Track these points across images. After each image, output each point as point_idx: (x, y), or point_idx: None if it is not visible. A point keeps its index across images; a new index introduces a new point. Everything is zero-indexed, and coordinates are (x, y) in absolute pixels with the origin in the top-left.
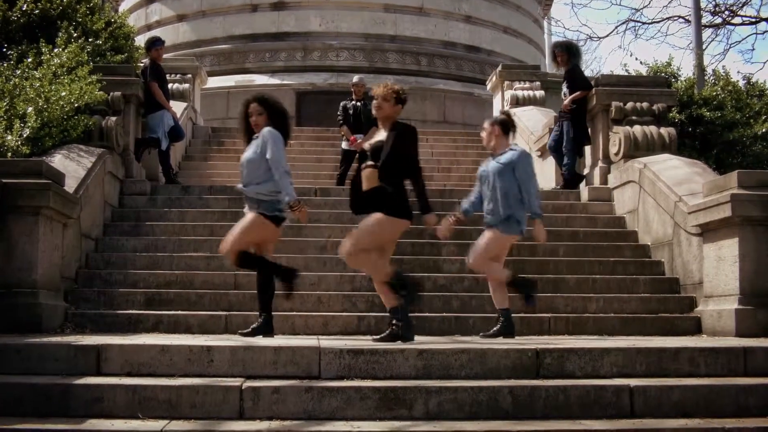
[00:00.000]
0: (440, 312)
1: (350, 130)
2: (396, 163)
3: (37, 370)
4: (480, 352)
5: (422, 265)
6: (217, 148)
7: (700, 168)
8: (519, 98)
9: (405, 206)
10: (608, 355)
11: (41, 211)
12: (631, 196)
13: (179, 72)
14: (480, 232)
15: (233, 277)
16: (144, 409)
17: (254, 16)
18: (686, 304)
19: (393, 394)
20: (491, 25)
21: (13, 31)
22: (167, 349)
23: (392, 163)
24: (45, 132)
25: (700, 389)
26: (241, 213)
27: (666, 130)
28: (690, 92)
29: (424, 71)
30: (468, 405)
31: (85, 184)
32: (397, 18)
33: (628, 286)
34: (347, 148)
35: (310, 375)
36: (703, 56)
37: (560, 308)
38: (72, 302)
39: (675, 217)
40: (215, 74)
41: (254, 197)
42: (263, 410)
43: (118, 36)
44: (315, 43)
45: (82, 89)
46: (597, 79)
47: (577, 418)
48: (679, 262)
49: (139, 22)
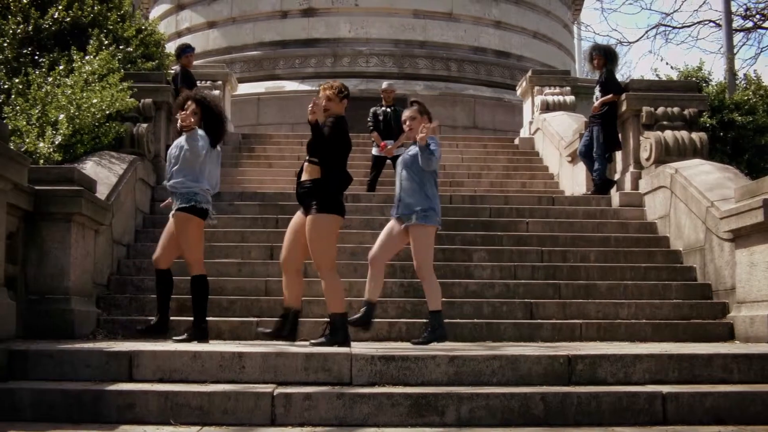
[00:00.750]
0: (471, 318)
1: (380, 135)
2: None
3: (69, 376)
4: (512, 359)
5: (453, 271)
6: (247, 155)
7: (732, 173)
8: (549, 103)
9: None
10: (640, 361)
11: (73, 218)
12: (663, 201)
13: (209, 78)
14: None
15: (264, 283)
16: (176, 416)
17: (284, 23)
18: (718, 310)
19: (424, 400)
20: (521, 30)
21: (44, 39)
22: (199, 355)
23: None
24: (77, 139)
25: (733, 396)
26: (270, 219)
27: (697, 135)
28: (721, 97)
29: (453, 77)
30: (500, 411)
31: (116, 191)
32: (426, 24)
33: (659, 292)
34: (378, 154)
35: (342, 381)
36: (735, 60)
37: (592, 314)
38: (104, 308)
39: (707, 223)
40: (245, 81)
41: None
42: (295, 416)
43: (148, 43)
44: (345, 50)
45: (113, 96)
46: (627, 84)
47: (609, 424)
48: (711, 268)
49: (169, 29)
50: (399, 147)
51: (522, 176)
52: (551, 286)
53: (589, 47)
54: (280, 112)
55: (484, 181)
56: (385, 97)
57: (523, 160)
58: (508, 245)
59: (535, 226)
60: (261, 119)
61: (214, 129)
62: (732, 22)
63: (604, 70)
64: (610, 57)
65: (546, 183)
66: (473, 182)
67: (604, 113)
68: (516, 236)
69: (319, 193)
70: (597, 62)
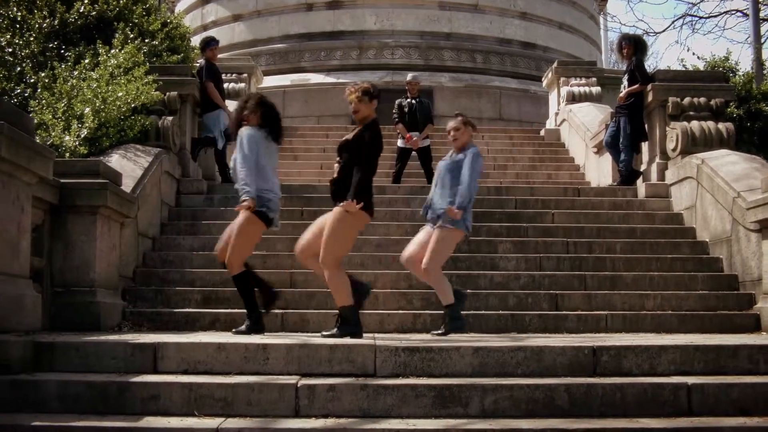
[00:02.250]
0: (496, 309)
1: (405, 127)
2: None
3: (94, 368)
4: (536, 350)
5: (479, 263)
6: None
7: (759, 163)
8: (575, 95)
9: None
10: (666, 352)
11: (99, 211)
12: (689, 192)
13: (235, 71)
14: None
15: (289, 275)
16: (200, 407)
17: (309, 15)
18: (745, 301)
19: (448, 391)
20: (546, 21)
21: (70, 33)
22: (223, 347)
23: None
24: (102, 132)
25: (760, 387)
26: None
27: (724, 126)
28: (748, 87)
29: (479, 68)
30: (524, 403)
31: (142, 184)
32: (452, 15)
33: (686, 283)
34: (403, 146)
35: (366, 373)
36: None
37: (617, 305)
38: (129, 301)
39: (733, 213)
40: (271, 73)
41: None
42: (318, 408)
43: (174, 36)
44: (370, 42)
45: (138, 89)
46: (653, 75)
47: (634, 416)
48: (737, 259)
49: (195, 23)
50: (424, 138)
51: (548, 167)
52: (576, 278)
53: (618, 36)
54: (305, 105)
55: (509, 172)
56: (410, 89)
57: (548, 151)
58: (533, 237)
59: (560, 218)
60: (287, 112)
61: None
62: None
63: (633, 59)
64: (640, 46)
65: (572, 174)
66: (499, 174)
67: (631, 104)
68: (541, 227)
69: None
70: (626, 51)
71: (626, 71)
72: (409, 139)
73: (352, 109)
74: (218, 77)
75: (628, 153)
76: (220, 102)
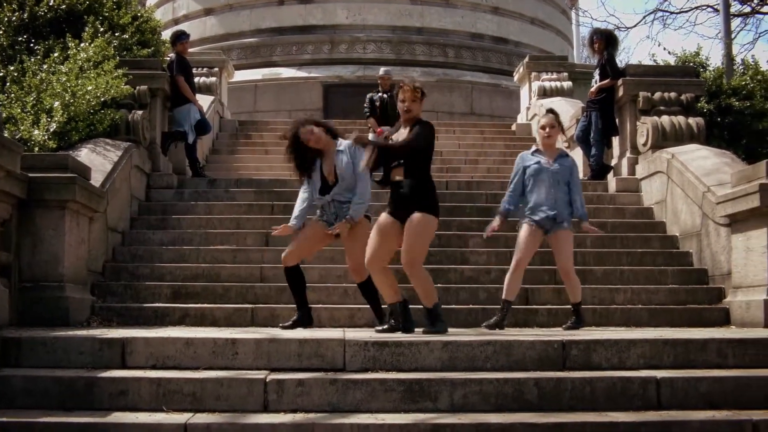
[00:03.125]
0: (467, 304)
1: (377, 122)
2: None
3: (62, 363)
4: (506, 344)
5: (449, 257)
6: (244, 142)
7: (729, 158)
8: (546, 89)
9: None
10: (635, 346)
11: (67, 205)
12: (659, 186)
13: (206, 65)
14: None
15: (259, 270)
16: (168, 402)
17: (281, 10)
18: (714, 295)
19: (418, 386)
20: (518, 16)
21: (40, 26)
22: (192, 342)
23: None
24: (71, 126)
25: (728, 381)
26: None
27: (694, 120)
28: (719, 82)
29: (451, 63)
30: (493, 397)
31: (111, 178)
32: (423, 10)
33: (655, 277)
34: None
35: (335, 367)
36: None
37: (587, 299)
38: (99, 296)
39: (703, 208)
40: (242, 68)
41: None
42: (287, 403)
43: (144, 30)
44: (342, 36)
45: (108, 83)
46: (624, 69)
47: (604, 410)
48: (707, 253)
49: (166, 17)
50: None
51: None
52: (547, 272)
53: (590, 31)
54: (276, 99)
55: (481, 167)
56: (382, 84)
57: (520, 146)
58: (504, 231)
59: None
60: (258, 106)
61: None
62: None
63: (604, 54)
64: (611, 41)
65: None
66: (470, 168)
67: (602, 98)
68: (512, 222)
69: (421, 195)
70: (598, 46)
71: (597, 66)
72: (381, 134)
73: (405, 108)
74: (189, 71)
75: (599, 147)
76: (190, 96)
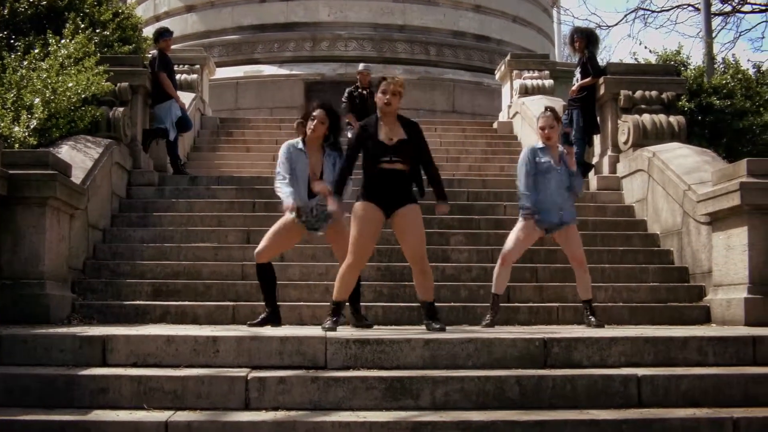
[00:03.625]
0: (448, 302)
1: (355, 118)
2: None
3: (43, 361)
4: (487, 342)
5: (430, 254)
6: (225, 139)
7: (710, 156)
8: (528, 87)
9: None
10: (616, 344)
11: (48, 202)
12: (640, 185)
13: (188, 62)
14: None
15: (240, 267)
16: (149, 400)
17: (263, 7)
18: (695, 293)
19: (399, 384)
20: (500, 14)
21: (20, 23)
22: (173, 339)
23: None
24: (52, 123)
25: (709, 379)
26: (247, 204)
27: (675, 119)
28: (699, 80)
29: (432, 61)
30: (475, 395)
31: (92, 175)
32: (405, 8)
33: (636, 275)
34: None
35: (316, 365)
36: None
37: (569, 298)
38: (79, 293)
39: (684, 206)
40: (224, 65)
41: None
42: (269, 400)
43: (125, 27)
44: (324, 34)
45: (89, 80)
46: (605, 68)
47: (585, 407)
48: (688, 251)
49: (147, 13)
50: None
51: (501, 160)
52: (528, 270)
53: (571, 30)
54: (258, 97)
55: (462, 164)
56: (361, 80)
57: (501, 144)
58: (485, 229)
59: (512, 210)
60: (239, 103)
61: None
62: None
63: (585, 52)
64: (592, 39)
65: None
66: (452, 166)
67: (583, 97)
68: (494, 220)
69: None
70: (579, 45)
71: (578, 64)
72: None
73: (386, 100)
74: (171, 68)
75: (580, 146)
76: (172, 92)
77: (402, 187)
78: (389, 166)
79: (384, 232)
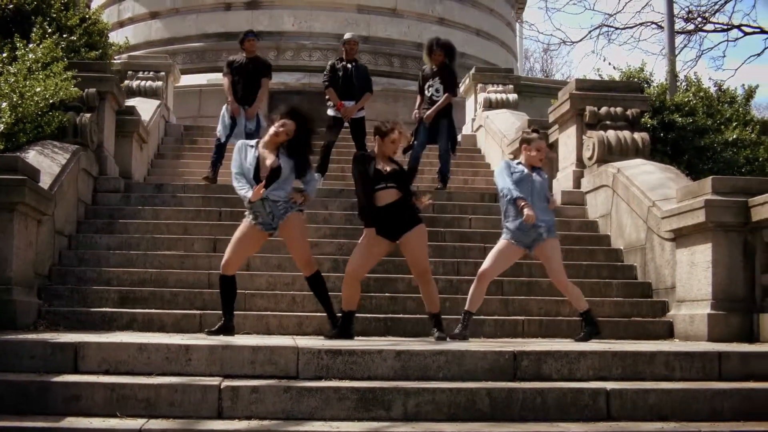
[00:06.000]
0: (414, 313)
1: (337, 94)
2: None
3: (13, 368)
4: (458, 354)
5: (397, 266)
6: (189, 146)
7: (674, 173)
8: (492, 101)
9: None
10: (585, 358)
11: (16, 207)
12: (605, 200)
13: (152, 69)
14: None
15: (207, 276)
16: (122, 408)
17: (228, 15)
18: (658, 309)
19: (371, 394)
20: (464, 27)
21: None
22: (145, 347)
23: None
24: (19, 128)
25: (676, 393)
26: (213, 212)
27: (639, 135)
28: (662, 98)
29: (396, 72)
30: (446, 406)
31: (59, 181)
32: (370, 19)
33: (600, 290)
34: (335, 114)
35: (288, 375)
36: (676, 62)
37: (534, 311)
38: (45, 299)
39: (648, 222)
40: (188, 72)
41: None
42: (242, 410)
43: (92, 32)
44: (288, 43)
45: (57, 85)
46: (570, 84)
47: (554, 420)
48: (651, 267)
49: (111, 19)
50: (360, 110)
51: (464, 173)
52: (494, 283)
53: (430, 39)
54: (221, 104)
55: (426, 177)
56: (348, 50)
57: (465, 157)
58: (450, 241)
59: (477, 223)
60: (203, 111)
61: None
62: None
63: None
64: (451, 54)
65: (488, 180)
66: (416, 179)
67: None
68: (459, 232)
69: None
70: (437, 56)
71: (433, 75)
72: (341, 107)
73: (394, 150)
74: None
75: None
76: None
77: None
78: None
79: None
